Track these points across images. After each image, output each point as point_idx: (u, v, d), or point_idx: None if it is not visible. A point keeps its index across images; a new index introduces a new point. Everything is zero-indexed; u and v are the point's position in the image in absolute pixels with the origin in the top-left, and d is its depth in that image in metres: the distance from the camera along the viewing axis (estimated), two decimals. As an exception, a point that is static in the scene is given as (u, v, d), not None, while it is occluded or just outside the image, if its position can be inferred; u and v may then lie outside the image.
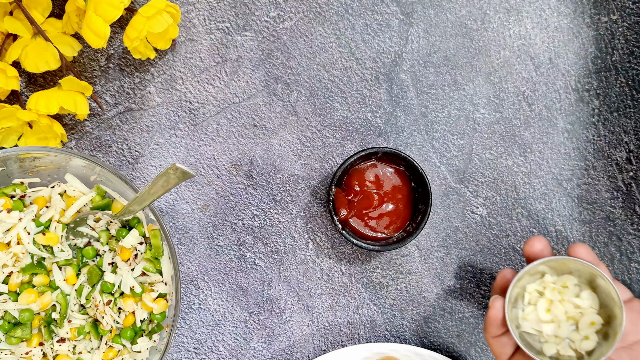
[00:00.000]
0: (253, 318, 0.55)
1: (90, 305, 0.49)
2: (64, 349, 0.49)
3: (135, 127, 0.54)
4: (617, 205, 0.55)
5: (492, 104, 0.55)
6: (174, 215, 0.55)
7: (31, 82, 0.54)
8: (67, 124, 0.54)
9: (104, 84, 0.54)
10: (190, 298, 0.55)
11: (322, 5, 0.54)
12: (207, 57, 0.54)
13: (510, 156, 0.55)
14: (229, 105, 0.54)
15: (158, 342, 0.50)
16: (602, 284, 0.43)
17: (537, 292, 0.45)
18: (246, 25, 0.54)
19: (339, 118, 0.55)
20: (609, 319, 0.43)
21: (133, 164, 0.54)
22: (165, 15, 0.48)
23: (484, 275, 0.55)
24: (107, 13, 0.46)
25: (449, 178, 0.55)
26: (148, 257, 0.49)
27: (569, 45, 0.55)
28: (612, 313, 0.43)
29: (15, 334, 0.48)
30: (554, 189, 0.55)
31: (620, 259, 0.55)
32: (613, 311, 0.43)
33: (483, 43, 0.55)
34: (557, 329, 0.44)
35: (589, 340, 0.43)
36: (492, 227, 0.55)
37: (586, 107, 0.55)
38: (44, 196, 0.50)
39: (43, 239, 0.48)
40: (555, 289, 0.44)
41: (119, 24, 0.54)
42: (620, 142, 0.55)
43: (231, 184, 0.55)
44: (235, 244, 0.55)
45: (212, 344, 0.55)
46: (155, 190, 0.44)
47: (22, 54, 0.48)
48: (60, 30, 0.51)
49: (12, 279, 0.48)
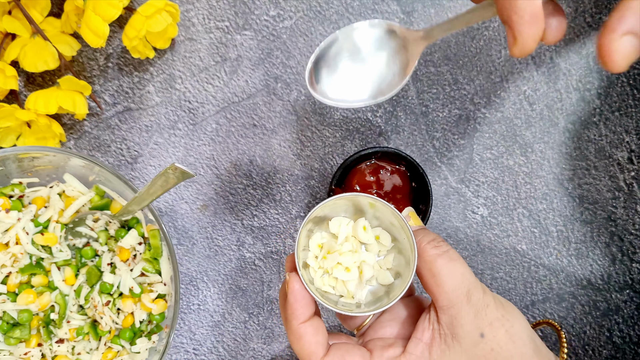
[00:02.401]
0: (253, 319, 0.55)
1: (89, 305, 0.49)
2: (62, 349, 0.49)
3: (134, 126, 0.54)
4: (619, 205, 0.54)
5: (493, 104, 0.55)
6: (173, 215, 0.54)
7: (30, 82, 0.54)
8: (65, 123, 0.54)
9: (103, 83, 0.54)
10: (190, 299, 0.55)
11: (322, 4, 0.54)
12: (207, 56, 0.54)
13: (511, 156, 0.55)
14: (228, 105, 0.54)
15: (157, 343, 0.50)
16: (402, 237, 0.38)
17: (318, 247, 0.40)
18: (246, 25, 0.54)
19: (339, 118, 0.55)
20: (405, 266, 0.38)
21: (132, 164, 0.54)
22: (164, 15, 0.48)
23: (485, 275, 0.55)
24: (106, 12, 0.46)
25: (449, 178, 0.55)
26: (147, 258, 0.49)
27: (570, 44, 0.55)
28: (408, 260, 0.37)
29: (14, 334, 0.48)
30: (555, 189, 0.55)
31: (622, 259, 0.54)
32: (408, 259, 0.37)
33: (484, 42, 0.54)
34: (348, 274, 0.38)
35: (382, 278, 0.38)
36: (493, 227, 0.55)
37: (587, 106, 0.55)
38: (42, 196, 0.50)
39: (42, 239, 0.48)
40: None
41: (118, 23, 0.54)
42: (621, 142, 0.54)
43: (230, 184, 0.54)
44: (235, 244, 0.55)
45: (212, 345, 0.55)
46: (154, 190, 0.44)
47: (21, 53, 0.48)
48: (59, 29, 0.51)
49: (11, 280, 0.48)
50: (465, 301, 0.35)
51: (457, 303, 0.35)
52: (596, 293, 0.55)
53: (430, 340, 0.35)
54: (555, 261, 0.55)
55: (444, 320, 0.35)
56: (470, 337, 0.34)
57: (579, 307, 0.55)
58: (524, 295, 0.55)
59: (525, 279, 0.55)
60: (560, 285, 0.55)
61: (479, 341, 0.34)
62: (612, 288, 0.55)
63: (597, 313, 0.55)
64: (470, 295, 0.35)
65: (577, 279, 0.55)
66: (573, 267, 0.55)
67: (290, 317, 0.36)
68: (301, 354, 0.36)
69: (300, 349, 0.36)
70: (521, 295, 0.55)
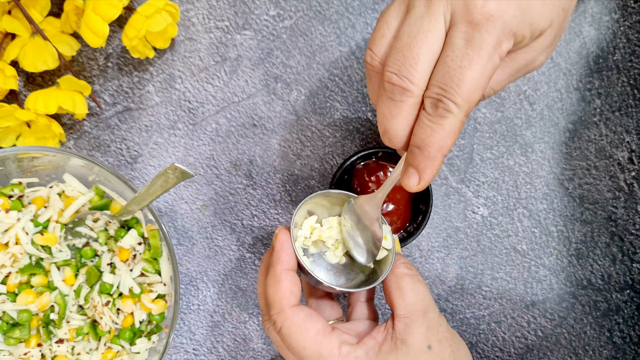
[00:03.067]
0: (253, 319, 0.55)
1: (89, 306, 0.49)
2: (62, 349, 0.49)
3: (134, 126, 0.54)
4: (619, 206, 0.54)
5: (493, 104, 0.55)
6: (173, 215, 0.54)
7: (29, 82, 0.54)
8: (65, 123, 0.54)
9: (103, 83, 0.54)
10: (190, 299, 0.55)
11: (322, 3, 0.54)
12: (207, 56, 0.54)
13: (511, 156, 0.55)
14: (228, 105, 0.54)
15: (157, 343, 0.50)
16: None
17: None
18: (245, 24, 0.54)
19: (339, 117, 0.54)
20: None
21: (132, 164, 0.54)
22: (164, 14, 0.48)
23: (485, 275, 0.55)
24: (106, 12, 0.46)
25: (449, 178, 0.55)
26: (147, 258, 0.49)
27: (571, 44, 0.55)
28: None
29: (14, 334, 0.48)
30: (555, 189, 0.55)
31: (622, 260, 0.54)
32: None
33: (484, 42, 0.54)
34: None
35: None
36: (493, 227, 0.55)
37: (588, 106, 0.54)
38: (42, 196, 0.50)
39: (41, 239, 0.48)
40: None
41: (118, 23, 0.54)
42: (622, 142, 0.54)
43: (230, 184, 0.54)
44: (235, 245, 0.55)
45: (212, 345, 0.55)
46: (154, 190, 0.44)
47: (21, 53, 0.48)
48: (58, 29, 0.51)
49: (11, 280, 0.48)
50: (421, 315, 0.38)
51: (413, 314, 0.38)
52: (596, 293, 0.55)
53: (382, 340, 0.38)
54: (555, 261, 0.55)
55: (398, 326, 0.38)
56: (418, 345, 0.37)
57: (579, 307, 0.55)
58: (524, 295, 0.55)
59: (525, 279, 0.55)
60: (560, 285, 0.55)
61: (426, 352, 0.37)
62: (613, 288, 0.55)
63: (598, 313, 0.55)
64: (426, 313, 0.38)
65: (577, 279, 0.55)
66: (573, 267, 0.55)
67: (275, 262, 0.39)
68: (274, 297, 0.38)
69: (275, 292, 0.38)
70: (521, 295, 0.55)
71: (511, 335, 0.55)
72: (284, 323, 0.38)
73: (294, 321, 0.38)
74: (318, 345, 0.37)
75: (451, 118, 0.32)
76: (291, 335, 0.38)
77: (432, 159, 0.33)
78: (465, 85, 0.31)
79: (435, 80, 0.32)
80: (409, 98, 0.33)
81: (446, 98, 0.32)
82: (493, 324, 0.55)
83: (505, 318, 0.55)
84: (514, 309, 0.55)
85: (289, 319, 0.38)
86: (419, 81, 0.33)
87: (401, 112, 0.34)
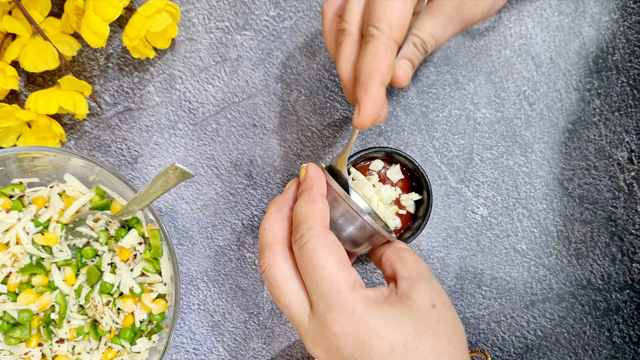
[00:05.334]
0: (253, 319, 0.55)
1: (90, 305, 0.49)
2: (63, 349, 0.49)
3: (135, 126, 0.54)
4: (619, 206, 0.54)
5: (493, 104, 0.55)
6: (173, 215, 0.54)
7: (30, 82, 0.54)
8: (66, 123, 0.54)
9: (103, 83, 0.54)
10: (190, 298, 0.55)
11: (322, 4, 0.54)
12: (207, 56, 0.54)
13: (511, 156, 0.55)
14: (228, 105, 0.54)
15: (157, 342, 0.50)
16: None
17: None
18: (246, 25, 0.54)
19: (339, 118, 0.55)
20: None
21: (132, 164, 0.54)
22: (164, 15, 0.48)
23: (485, 275, 0.55)
24: (106, 12, 0.46)
25: (449, 178, 0.55)
26: (147, 258, 0.49)
27: (570, 44, 0.55)
28: None
29: (14, 334, 0.48)
30: (555, 189, 0.55)
31: (622, 259, 0.55)
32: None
33: (484, 42, 0.54)
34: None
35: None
36: (493, 227, 0.55)
37: (587, 106, 0.55)
38: (42, 196, 0.50)
39: (42, 239, 0.48)
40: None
41: (118, 24, 0.54)
42: (621, 142, 0.54)
43: (231, 184, 0.54)
44: (235, 244, 0.55)
45: (212, 345, 0.55)
46: (154, 190, 0.44)
47: (21, 53, 0.48)
48: (59, 29, 0.51)
49: (11, 279, 0.48)
50: (424, 279, 0.38)
51: (416, 277, 0.38)
52: (596, 293, 0.55)
53: (388, 293, 0.38)
54: (555, 261, 0.55)
55: (402, 285, 0.37)
56: (422, 302, 0.36)
57: (579, 307, 0.55)
58: (524, 295, 0.55)
59: (525, 279, 0.55)
60: (560, 285, 0.55)
61: (430, 309, 0.36)
62: (612, 288, 0.55)
63: (597, 313, 0.55)
64: (430, 279, 0.38)
65: (577, 279, 0.55)
66: (573, 267, 0.55)
67: (310, 187, 0.39)
68: (308, 214, 0.37)
69: (310, 210, 0.37)
70: (521, 295, 0.55)
71: (511, 335, 0.55)
72: (311, 238, 0.36)
73: (322, 240, 0.36)
74: (336, 271, 0.36)
75: (374, 41, 0.36)
76: (316, 251, 0.36)
77: (364, 85, 0.36)
78: (383, 9, 0.36)
79: (364, 18, 0.37)
80: (347, 37, 0.38)
81: (368, 25, 0.36)
82: (493, 323, 0.55)
83: (504, 318, 0.55)
84: (513, 309, 0.55)
85: (318, 236, 0.36)
86: (351, 18, 0.38)
87: (344, 52, 0.38)
